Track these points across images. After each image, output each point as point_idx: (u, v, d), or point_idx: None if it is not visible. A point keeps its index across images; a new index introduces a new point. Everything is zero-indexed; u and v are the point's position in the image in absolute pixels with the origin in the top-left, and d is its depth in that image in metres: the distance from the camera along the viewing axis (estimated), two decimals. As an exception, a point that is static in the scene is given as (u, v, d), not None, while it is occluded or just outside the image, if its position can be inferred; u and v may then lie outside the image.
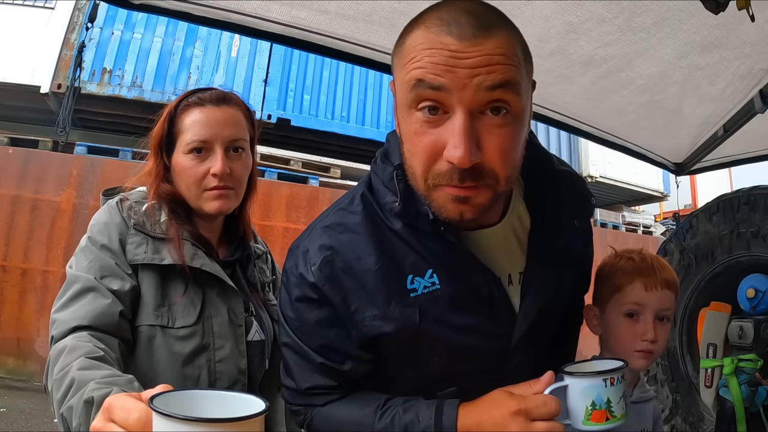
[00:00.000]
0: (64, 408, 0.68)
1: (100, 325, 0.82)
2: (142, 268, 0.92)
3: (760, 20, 1.20)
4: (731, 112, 1.97)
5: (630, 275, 1.01)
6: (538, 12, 1.45)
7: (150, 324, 0.90)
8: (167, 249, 0.93)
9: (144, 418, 0.51)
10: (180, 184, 0.99)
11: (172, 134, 0.99)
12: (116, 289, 0.86)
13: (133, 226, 0.93)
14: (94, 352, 0.75)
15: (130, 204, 0.97)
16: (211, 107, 0.98)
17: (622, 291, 1.01)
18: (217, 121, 0.98)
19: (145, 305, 0.90)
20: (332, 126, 6.17)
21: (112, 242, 0.91)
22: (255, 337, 1.01)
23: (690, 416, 1.88)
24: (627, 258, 1.05)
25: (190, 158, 0.96)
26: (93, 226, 0.94)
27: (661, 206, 10.70)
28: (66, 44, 5.34)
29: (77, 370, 0.70)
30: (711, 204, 1.88)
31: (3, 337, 4.33)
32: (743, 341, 1.63)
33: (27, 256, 4.58)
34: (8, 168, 4.70)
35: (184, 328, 0.91)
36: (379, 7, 1.49)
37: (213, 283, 0.96)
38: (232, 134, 0.99)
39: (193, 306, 0.92)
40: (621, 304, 1.00)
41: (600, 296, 1.06)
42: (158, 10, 1.53)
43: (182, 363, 0.90)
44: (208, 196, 0.97)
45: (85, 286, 0.85)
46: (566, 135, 7.69)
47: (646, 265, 1.01)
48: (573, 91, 1.89)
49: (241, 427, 0.47)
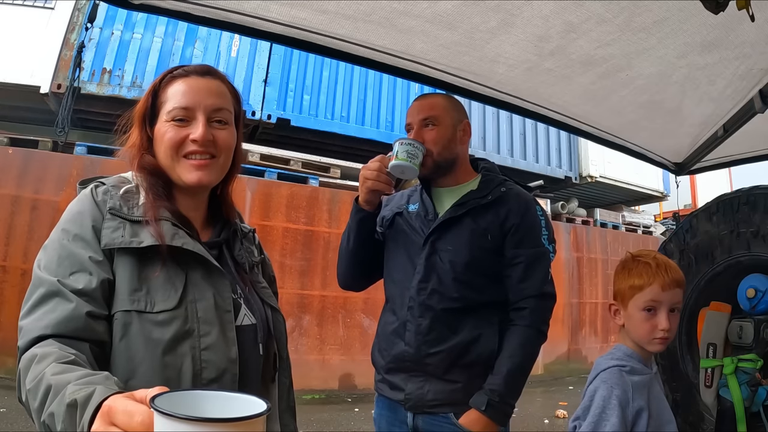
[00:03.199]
0: (45, 416, 0.65)
1: (65, 332, 0.77)
2: (119, 253, 0.86)
3: (760, 20, 1.20)
4: (731, 112, 1.97)
5: (649, 277, 1.23)
6: (538, 12, 1.45)
7: (125, 309, 0.83)
8: (145, 231, 0.87)
9: (146, 421, 0.51)
10: (159, 153, 0.95)
11: (156, 106, 0.97)
12: (82, 288, 0.81)
13: (108, 210, 0.89)
14: (65, 357, 0.71)
15: (106, 188, 0.92)
16: (196, 77, 0.97)
17: (642, 291, 1.23)
18: (200, 89, 0.95)
19: (120, 291, 0.84)
20: (332, 126, 6.17)
21: (84, 230, 0.86)
22: (244, 321, 0.94)
23: (690, 416, 1.88)
24: (644, 262, 1.26)
25: (171, 125, 0.94)
26: (65, 216, 0.90)
27: (661, 206, 10.71)
28: (66, 44, 5.34)
29: (51, 375, 0.67)
30: (711, 204, 1.88)
31: (3, 337, 4.33)
32: (743, 341, 1.63)
33: (27, 256, 4.57)
34: (8, 168, 4.70)
35: (163, 312, 0.84)
36: (379, 7, 1.49)
37: (196, 264, 0.90)
38: (216, 103, 0.96)
39: (174, 289, 0.86)
40: (642, 301, 1.23)
41: (622, 294, 1.28)
42: (158, 10, 1.53)
43: (162, 351, 0.83)
44: (187, 164, 0.93)
45: (49, 291, 0.80)
46: (566, 135, 7.69)
47: (662, 268, 1.23)
48: (573, 91, 1.89)
49: (243, 427, 0.47)
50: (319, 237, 5.56)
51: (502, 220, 1.48)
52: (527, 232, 1.49)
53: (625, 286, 1.26)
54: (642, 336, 1.23)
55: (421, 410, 1.47)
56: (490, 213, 1.49)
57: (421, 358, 1.46)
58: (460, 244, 1.47)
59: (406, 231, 1.57)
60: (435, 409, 1.45)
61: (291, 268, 5.37)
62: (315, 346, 5.39)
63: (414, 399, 1.47)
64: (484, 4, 1.44)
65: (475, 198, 1.50)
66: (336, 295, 5.53)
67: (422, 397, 1.46)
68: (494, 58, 1.72)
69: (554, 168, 7.81)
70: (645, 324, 1.22)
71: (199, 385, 0.83)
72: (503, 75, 1.81)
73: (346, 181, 5.94)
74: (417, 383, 1.47)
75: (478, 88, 1.96)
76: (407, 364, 1.48)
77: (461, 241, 1.47)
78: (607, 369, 1.22)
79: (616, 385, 1.18)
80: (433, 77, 1.88)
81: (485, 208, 1.50)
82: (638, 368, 1.23)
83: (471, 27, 1.55)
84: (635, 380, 1.20)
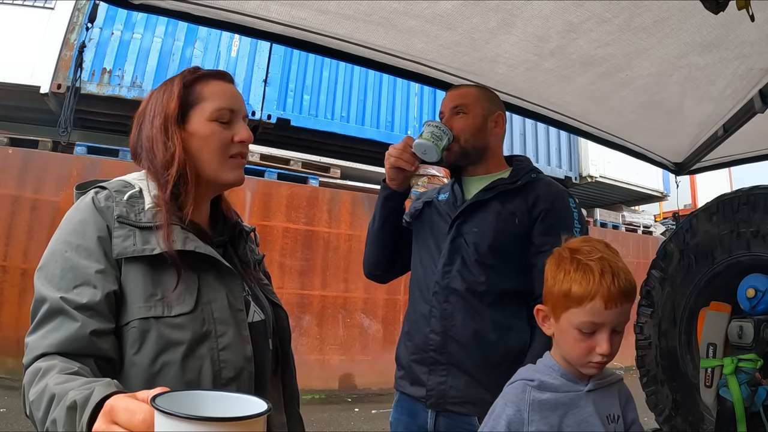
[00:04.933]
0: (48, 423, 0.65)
1: (69, 350, 0.76)
2: (128, 261, 0.84)
3: (760, 20, 1.20)
4: (731, 112, 1.97)
5: (590, 287, 0.94)
6: (538, 12, 1.45)
7: (142, 317, 0.82)
8: (156, 237, 0.86)
9: (149, 419, 0.51)
10: (201, 152, 0.94)
11: (185, 104, 0.96)
12: (86, 303, 0.79)
13: (116, 218, 0.86)
14: (68, 369, 0.72)
15: (108, 193, 0.90)
16: (227, 82, 1.01)
17: (580, 306, 0.95)
18: (235, 94, 1.01)
19: (133, 300, 0.83)
20: (332, 126, 6.17)
21: (88, 241, 0.84)
22: (255, 317, 0.95)
23: (690, 416, 1.88)
24: (585, 264, 0.96)
25: (217, 124, 0.96)
26: (66, 227, 0.88)
27: (661, 206, 10.71)
28: (66, 44, 5.34)
29: (54, 385, 0.67)
30: (711, 204, 1.88)
31: (3, 337, 4.32)
32: (743, 341, 1.62)
33: (27, 256, 4.58)
34: (8, 168, 4.70)
35: (181, 316, 0.84)
36: (379, 7, 1.49)
37: (208, 266, 0.90)
38: (244, 109, 1.03)
39: (188, 292, 0.86)
40: (578, 320, 0.95)
41: (554, 302, 1.00)
42: (158, 10, 1.53)
43: (183, 354, 0.82)
44: (232, 164, 0.97)
45: (52, 308, 0.79)
46: (566, 135, 7.69)
47: (607, 279, 0.94)
48: (573, 91, 1.89)
49: (243, 426, 0.47)
50: (319, 237, 5.56)
51: (531, 205, 1.45)
52: (557, 219, 1.44)
53: (558, 292, 0.98)
54: (575, 357, 0.98)
55: (443, 408, 1.41)
56: (518, 198, 1.46)
57: (445, 345, 1.42)
58: (486, 226, 1.45)
59: (434, 218, 1.57)
60: (457, 407, 1.40)
61: (291, 268, 5.37)
62: (315, 346, 5.39)
63: (436, 395, 1.42)
64: (484, 4, 1.44)
65: (504, 183, 1.49)
66: (336, 295, 5.53)
67: (444, 393, 1.41)
68: (494, 58, 1.72)
69: (554, 168, 7.81)
70: (579, 344, 0.96)
71: (218, 386, 0.84)
72: (503, 75, 1.81)
73: (346, 181, 5.94)
74: (439, 377, 1.42)
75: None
76: (431, 354, 1.44)
77: (487, 224, 1.45)
78: (513, 382, 1.04)
79: (510, 402, 1.00)
80: (433, 77, 1.88)
81: (514, 192, 1.47)
82: (555, 384, 1.00)
83: (471, 27, 1.55)
84: (543, 398, 0.99)
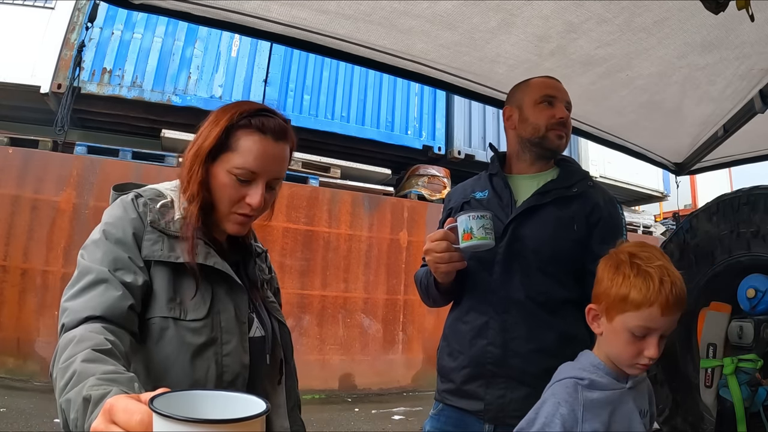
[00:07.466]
0: (63, 399, 0.68)
1: (111, 316, 0.83)
2: (155, 264, 0.94)
3: (760, 20, 1.20)
4: (731, 112, 1.97)
5: (650, 295, 0.97)
6: (539, 12, 1.45)
7: (163, 316, 0.92)
8: (181, 247, 0.96)
9: (146, 420, 0.51)
10: (215, 194, 1.01)
11: (222, 144, 0.98)
12: (129, 282, 0.88)
13: (150, 223, 0.96)
14: (103, 344, 0.75)
15: (145, 200, 0.99)
16: (271, 141, 0.99)
17: (637, 312, 0.98)
18: (270, 156, 0.99)
19: (158, 298, 0.92)
20: (332, 126, 6.17)
21: (126, 236, 0.93)
22: (256, 333, 1.04)
23: (690, 416, 1.88)
24: (646, 271, 0.99)
25: (233, 180, 0.98)
26: (108, 220, 0.96)
27: (661, 206, 10.70)
28: (66, 44, 5.34)
29: (81, 361, 0.70)
30: (711, 204, 1.88)
31: (3, 337, 4.33)
32: (743, 341, 1.62)
33: (27, 256, 4.58)
34: (8, 168, 4.70)
35: (195, 321, 0.93)
36: (379, 7, 1.49)
37: (222, 280, 0.99)
38: (278, 172, 1.02)
39: (203, 301, 0.95)
40: (633, 324, 0.98)
41: (609, 304, 1.03)
42: (158, 10, 1.54)
43: (192, 354, 0.92)
44: (235, 219, 1.02)
45: (99, 278, 0.87)
46: (566, 135, 7.68)
47: (666, 287, 0.97)
48: (573, 91, 1.88)
49: (242, 427, 0.47)
50: (319, 237, 5.56)
51: (589, 212, 1.40)
52: (613, 228, 1.41)
53: (615, 295, 1.01)
54: (623, 358, 1.02)
55: (502, 421, 1.31)
56: (575, 203, 1.41)
57: (506, 358, 1.32)
58: (545, 232, 1.37)
59: None
60: (517, 420, 1.26)
61: (291, 268, 5.37)
62: (315, 346, 5.39)
63: (495, 409, 1.32)
64: (484, 4, 1.44)
65: (559, 188, 1.42)
66: (336, 295, 5.53)
67: (504, 407, 1.31)
68: (494, 58, 1.72)
69: (554, 168, 7.80)
70: (629, 347, 1.00)
71: (220, 386, 0.92)
72: (503, 75, 1.81)
73: (346, 181, 5.94)
74: (498, 390, 1.32)
75: (478, 88, 1.97)
76: (488, 367, 1.34)
77: (546, 230, 1.37)
78: (561, 380, 1.05)
79: (564, 401, 1.00)
80: (433, 77, 1.88)
81: (570, 199, 1.41)
82: (602, 383, 1.03)
83: (471, 27, 1.55)
84: (593, 397, 1.01)
